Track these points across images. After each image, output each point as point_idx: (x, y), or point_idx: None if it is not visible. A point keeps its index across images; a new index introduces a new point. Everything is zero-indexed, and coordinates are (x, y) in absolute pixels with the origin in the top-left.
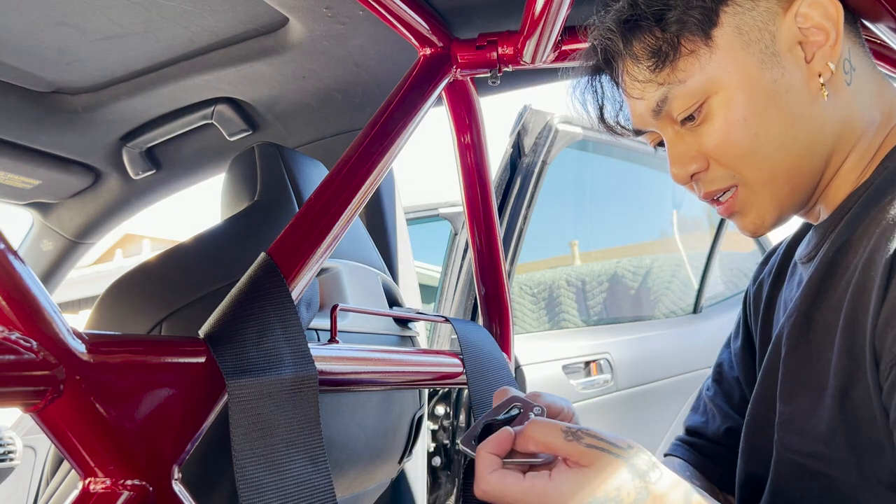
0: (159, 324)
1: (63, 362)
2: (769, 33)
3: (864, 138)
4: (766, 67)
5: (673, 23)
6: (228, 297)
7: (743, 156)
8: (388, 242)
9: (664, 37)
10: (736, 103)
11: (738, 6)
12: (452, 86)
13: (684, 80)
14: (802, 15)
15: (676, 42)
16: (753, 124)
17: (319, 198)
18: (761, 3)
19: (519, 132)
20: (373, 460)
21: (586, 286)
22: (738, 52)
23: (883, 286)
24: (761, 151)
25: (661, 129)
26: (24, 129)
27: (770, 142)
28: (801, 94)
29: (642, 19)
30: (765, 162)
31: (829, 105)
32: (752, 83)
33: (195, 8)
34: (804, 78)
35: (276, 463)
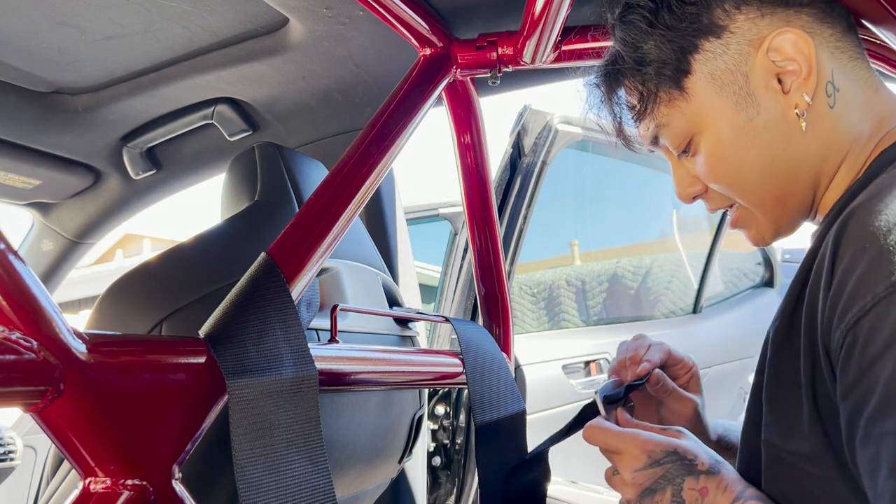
0: (159, 324)
1: (63, 362)
2: (742, 74)
3: (853, 152)
4: (741, 108)
5: (649, 78)
6: (228, 297)
7: (730, 186)
8: (388, 242)
9: (643, 89)
10: (716, 142)
11: (709, 52)
12: (452, 86)
13: (668, 124)
14: (774, 49)
15: (654, 93)
16: (734, 160)
17: (319, 198)
18: (732, 46)
19: (519, 132)
20: (373, 460)
21: (586, 286)
22: (712, 97)
23: (828, 283)
24: (746, 183)
25: (664, 154)
26: (24, 129)
27: (752, 174)
28: (778, 127)
29: (621, 73)
30: (751, 191)
31: (810, 132)
32: (729, 123)
33: (195, 8)
34: (783, 110)
35: (276, 463)
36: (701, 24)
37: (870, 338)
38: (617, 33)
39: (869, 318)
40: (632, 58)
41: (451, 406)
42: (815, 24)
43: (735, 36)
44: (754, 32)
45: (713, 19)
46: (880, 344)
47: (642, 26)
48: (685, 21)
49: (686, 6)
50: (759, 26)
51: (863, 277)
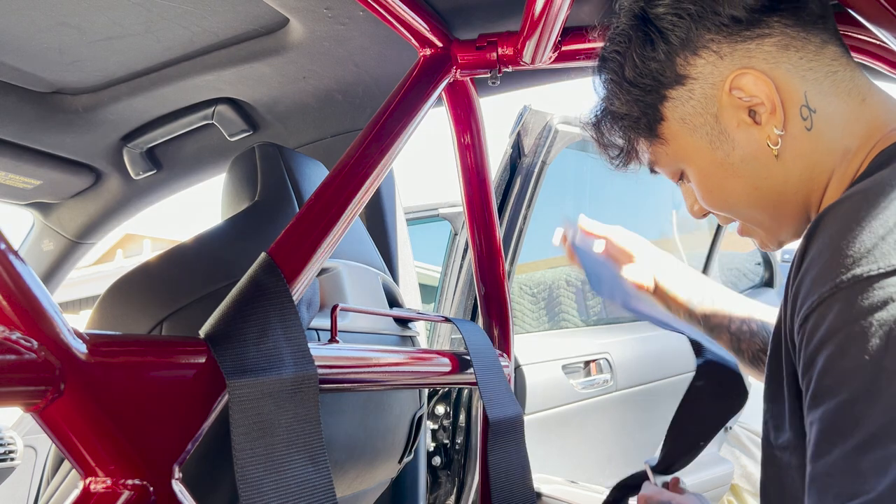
0: (160, 324)
1: (64, 362)
2: (711, 115)
3: (841, 167)
4: (716, 146)
5: (627, 128)
6: (229, 297)
7: (724, 211)
8: (388, 242)
9: (623, 138)
10: (701, 177)
11: (676, 100)
12: (452, 86)
13: (656, 161)
14: (737, 88)
15: (634, 141)
16: (720, 193)
17: (319, 198)
18: (696, 91)
19: (519, 132)
20: (373, 460)
21: (586, 286)
22: (687, 139)
23: (793, 280)
24: (737, 209)
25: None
26: (24, 129)
27: (740, 202)
28: (756, 158)
29: (603, 122)
30: (744, 215)
31: (789, 158)
32: (708, 161)
33: (195, 8)
34: (758, 142)
35: (276, 463)
36: (665, 76)
37: (811, 335)
38: (597, 84)
39: (813, 317)
40: (608, 112)
41: (451, 406)
42: (779, 53)
43: (698, 81)
44: (716, 75)
45: (675, 70)
46: (816, 341)
47: (612, 85)
48: (648, 77)
49: (647, 62)
50: (719, 68)
51: (816, 277)
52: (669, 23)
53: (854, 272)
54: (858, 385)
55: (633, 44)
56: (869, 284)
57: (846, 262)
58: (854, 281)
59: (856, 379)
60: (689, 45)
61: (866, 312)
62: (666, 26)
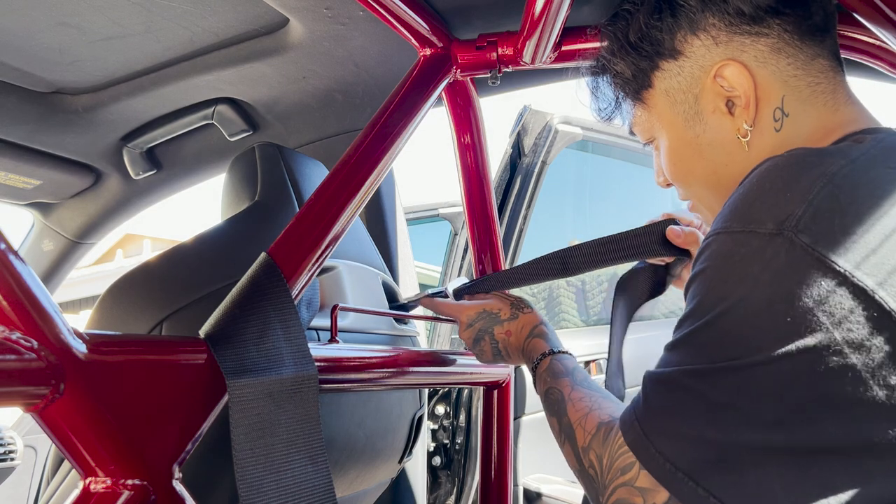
0: (160, 324)
1: (64, 362)
2: (692, 95)
3: None
4: (690, 124)
5: (618, 86)
6: (229, 297)
7: (680, 185)
8: (388, 242)
9: (612, 95)
10: (668, 150)
11: (667, 72)
12: (452, 86)
13: (635, 123)
14: (721, 76)
15: (620, 99)
16: (682, 168)
17: (319, 198)
18: (686, 69)
19: (519, 132)
20: (373, 460)
21: (586, 286)
22: (666, 111)
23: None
24: (692, 188)
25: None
26: (24, 129)
27: (698, 182)
28: (722, 146)
29: (600, 75)
30: (697, 194)
31: (753, 152)
32: (679, 136)
33: (196, 8)
34: (728, 131)
35: (276, 462)
36: (662, 47)
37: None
38: (601, 41)
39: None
40: (606, 66)
41: (451, 406)
42: (769, 55)
43: (689, 60)
44: (707, 59)
45: (673, 43)
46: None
47: (614, 44)
48: (647, 43)
49: (651, 30)
50: (712, 53)
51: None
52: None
53: (715, 227)
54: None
55: (643, 7)
56: (719, 236)
57: (718, 219)
58: (713, 233)
59: (693, 309)
60: (692, 24)
61: (707, 258)
62: (678, 0)
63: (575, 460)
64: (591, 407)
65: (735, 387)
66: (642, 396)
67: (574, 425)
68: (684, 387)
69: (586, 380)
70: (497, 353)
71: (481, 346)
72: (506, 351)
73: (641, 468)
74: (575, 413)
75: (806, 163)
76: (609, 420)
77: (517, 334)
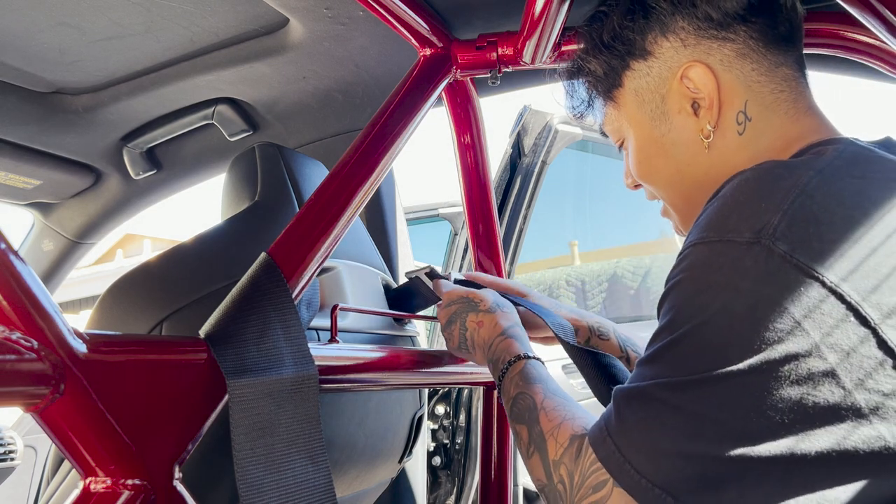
0: (160, 324)
1: (64, 362)
2: (660, 95)
3: None
4: (656, 124)
5: (590, 85)
6: (229, 296)
7: (647, 185)
8: (388, 242)
9: (586, 94)
10: (636, 148)
11: (636, 71)
12: (452, 86)
13: (605, 123)
14: (688, 78)
15: (592, 98)
16: (647, 166)
17: (319, 198)
18: (654, 69)
19: (519, 132)
20: (373, 460)
21: (586, 286)
22: (634, 110)
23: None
24: (657, 186)
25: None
26: (25, 129)
27: (662, 180)
28: (686, 146)
29: (575, 74)
30: (663, 194)
31: (715, 153)
32: (646, 135)
33: (196, 8)
34: (692, 132)
35: (276, 462)
36: (634, 47)
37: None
38: (577, 42)
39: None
40: (581, 65)
41: (451, 406)
42: (734, 59)
43: (658, 61)
44: (675, 61)
45: (644, 44)
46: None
47: (588, 44)
48: (619, 42)
49: (624, 31)
50: (680, 55)
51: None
52: (654, 0)
53: (691, 239)
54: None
55: (618, 8)
56: (695, 247)
57: (693, 231)
58: (689, 245)
59: (670, 319)
60: (663, 27)
61: (684, 269)
62: (650, 3)
63: (543, 473)
64: (564, 417)
65: (715, 398)
66: (613, 411)
67: (546, 435)
68: (660, 400)
69: (559, 389)
70: (463, 341)
71: (451, 330)
72: (471, 341)
73: (615, 486)
74: (548, 423)
75: (776, 175)
76: (582, 433)
77: (489, 328)
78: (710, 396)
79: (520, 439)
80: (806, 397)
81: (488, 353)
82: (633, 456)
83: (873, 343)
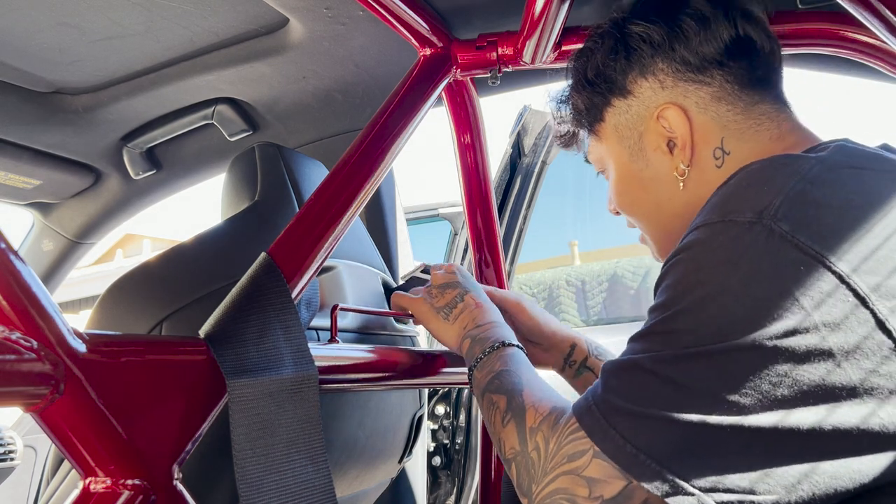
0: (160, 324)
1: (63, 362)
2: (637, 132)
3: None
4: (634, 159)
5: (575, 118)
6: (229, 296)
7: (626, 215)
8: (388, 242)
9: (569, 126)
10: (615, 181)
11: (617, 108)
12: (452, 86)
13: (589, 153)
14: (664, 118)
15: (575, 130)
16: (627, 198)
17: (319, 198)
18: (633, 108)
19: (519, 132)
20: (373, 460)
21: (586, 286)
22: (614, 144)
23: None
24: (636, 216)
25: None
26: (24, 129)
27: (641, 212)
28: (663, 182)
29: (560, 105)
30: (641, 223)
31: (692, 188)
32: (625, 169)
33: (196, 8)
34: (668, 169)
35: (276, 462)
36: (615, 85)
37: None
38: (566, 78)
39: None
40: (566, 98)
41: (451, 406)
42: (710, 102)
43: (637, 100)
44: (652, 101)
45: (625, 83)
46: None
47: (575, 78)
48: (602, 80)
49: (606, 69)
50: (657, 96)
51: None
52: (636, 42)
53: (694, 224)
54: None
55: (603, 47)
56: (697, 230)
57: (697, 218)
58: (691, 229)
59: (669, 296)
60: (643, 68)
61: (683, 249)
62: (632, 44)
63: (517, 440)
64: (549, 395)
65: (708, 371)
66: (601, 384)
67: (526, 405)
68: (652, 371)
69: (546, 382)
70: (450, 308)
71: (443, 292)
72: (458, 312)
73: (595, 457)
74: (530, 395)
75: (780, 163)
76: (563, 408)
77: (483, 312)
78: (703, 369)
79: (495, 408)
80: (800, 372)
81: (472, 330)
82: (618, 422)
83: (866, 320)
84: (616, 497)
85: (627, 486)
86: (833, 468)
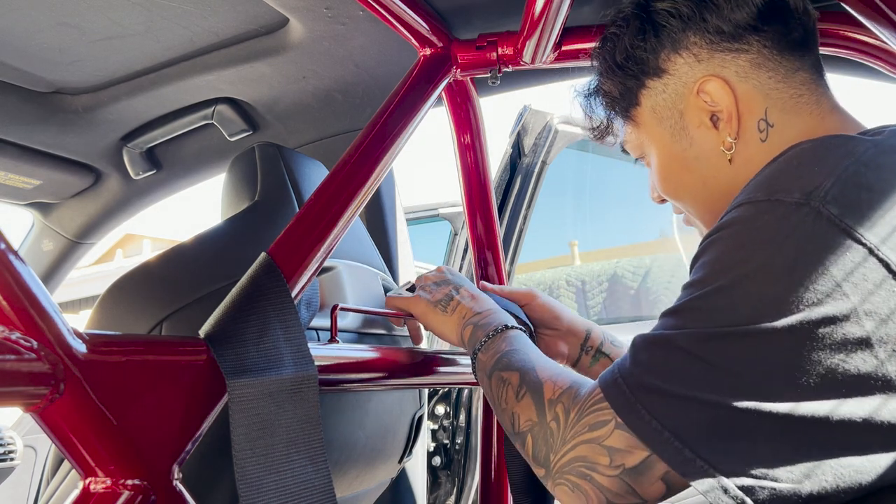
0: (160, 324)
1: (63, 362)
2: (678, 111)
3: None
4: (677, 139)
5: (607, 105)
6: (229, 296)
7: (672, 199)
8: (388, 242)
9: (604, 115)
10: (658, 165)
11: (652, 90)
12: (452, 86)
13: (626, 141)
14: (704, 92)
15: (610, 118)
16: (671, 182)
17: (319, 198)
18: (670, 86)
19: (519, 132)
20: (373, 460)
21: (586, 286)
22: (654, 127)
23: None
24: (682, 200)
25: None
26: (24, 129)
27: (687, 195)
28: (709, 159)
29: (591, 95)
30: (689, 207)
31: (739, 163)
32: (667, 151)
33: (196, 8)
34: (713, 145)
35: (276, 462)
36: (647, 66)
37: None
38: (594, 60)
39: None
40: (597, 87)
41: (451, 406)
42: (750, 69)
43: (673, 78)
44: (689, 76)
45: (657, 62)
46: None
47: (603, 65)
48: (632, 63)
49: (636, 50)
50: (694, 70)
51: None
52: (663, 19)
53: (739, 199)
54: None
55: (629, 29)
56: (741, 206)
57: (742, 193)
58: (735, 205)
59: (706, 272)
60: (675, 44)
61: (724, 226)
62: (660, 21)
63: (535, 412)
64: (563, 371)
65: (742, 353)
66: (630, 357)
67: (542, 379)
68: (683, 349)
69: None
70: (447, 300)
71: (439, 286)
72: (456, 304)
73: (617, 427)
74: (544, 370)
75: (833, 144)
76: (584, 382)
77: (479, 302)
78: (736, 350)
79: (506, 385)
80: (837, 363)
81: (472, 318)
82: (644, 397)
83: None
84: (637, 466)
85: (649, 457)
86: (860, 462)
